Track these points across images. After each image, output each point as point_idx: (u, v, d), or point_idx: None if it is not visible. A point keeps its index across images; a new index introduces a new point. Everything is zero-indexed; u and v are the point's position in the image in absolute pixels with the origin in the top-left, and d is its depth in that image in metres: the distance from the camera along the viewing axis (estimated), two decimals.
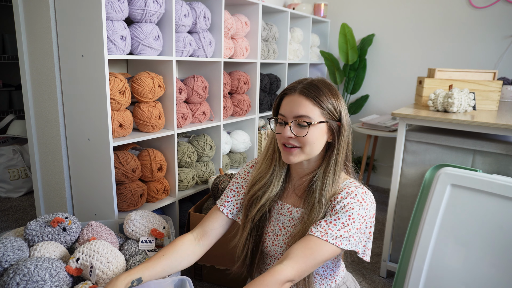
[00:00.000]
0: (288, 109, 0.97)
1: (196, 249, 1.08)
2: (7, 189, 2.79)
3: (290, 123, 0.97)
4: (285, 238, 1.06)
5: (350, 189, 0.97)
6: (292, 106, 0.97)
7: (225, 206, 1.13)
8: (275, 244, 1.07)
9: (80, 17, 1.53)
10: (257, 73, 2.49)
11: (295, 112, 0.96)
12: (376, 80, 3.30)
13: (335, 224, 0.93)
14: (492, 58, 2.77)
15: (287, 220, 1.06)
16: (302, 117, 0.95)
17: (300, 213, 1.04)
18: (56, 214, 1.24)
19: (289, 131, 0.96)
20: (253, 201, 1.07)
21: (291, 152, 0.98)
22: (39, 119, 1.85)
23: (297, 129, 0.97)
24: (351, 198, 0.95)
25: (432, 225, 1.53)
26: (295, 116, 0.96)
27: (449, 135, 1.71)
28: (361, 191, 0.96)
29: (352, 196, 0.95)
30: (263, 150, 1.12)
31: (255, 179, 1.09)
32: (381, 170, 3.41)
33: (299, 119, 0.96)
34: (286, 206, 1.07)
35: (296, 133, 0.96)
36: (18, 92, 3.64)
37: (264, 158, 1.09)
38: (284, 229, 1.06)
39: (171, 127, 1.88)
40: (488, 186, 1.43)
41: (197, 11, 1.96)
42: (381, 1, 3.16)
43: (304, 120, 0.95)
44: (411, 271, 1.56)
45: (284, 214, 1.07)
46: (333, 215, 0.94)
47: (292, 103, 0.97)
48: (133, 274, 0.94)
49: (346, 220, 0.93)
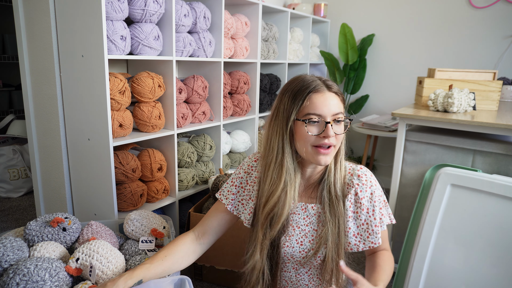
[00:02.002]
0: (326, 108, 0.92)
1: (197, 248, 1.07)
2: (7, 189, 2.79)
3: (332, 121, 0.93)
4: (299, 238, 1.03)
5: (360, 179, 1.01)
6: (328, 104, 0.92)
7: (230, 202, 1.08)
8: (287, 246, 1.03)
9: (80, 17, 1.53)
10: (257, 73, 2.49)
11: (333, 110, 0.93)
12: (376, 80, 3.30)
13: (375, 218, 1.00)
14: (492, 58, 2.77)
15: (302, 219, 1.03)
16: (339, 113, 0.94)
17: (315, 209, 1.02)
18: (56, 214, 1.24)
19: (331, 130, 0.92)
20: (271, 220, 0.99)
21: (329, 153, 0.94)
22: (39, 119, 1.85)
23: (336, 126, 0.94)
24: (369, 187, 1.01)
25: (432, 225, 1.53)
26: (333, 114, 0.93)
27: (449, 135, 1.71)
28: (363, 173, 1.02)
29: (367, 185, 1.01)
30: (267, 161, 1.00)
31: (266, 194, 0.99)
32: (381, 170, 3.41)
33: (337, 116, 0.94)
34: (300, 204, 1.03)
35: (336, 131, 0.94)
36: (18, 92, 3.64)
37: (271, 169, 0.98)
38: (298, 228, 1.03)
39: (171, 127, 1.88)
40: (488, 186, 1.43)
41: (197, 11, 1.96)
42: (381, 1, 3.16)
43: (342, 117, 0.95)
44: (411, 271, 1.56)
45: (297, 213, 1.03)
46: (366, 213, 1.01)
47: (327, 101, 0.93)
48: (134, 276, 0.93)
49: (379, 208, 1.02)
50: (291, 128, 0.96)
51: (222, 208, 1.10)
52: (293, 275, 1.09)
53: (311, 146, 0.94)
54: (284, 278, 1.10)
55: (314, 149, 0.94)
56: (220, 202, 1.11)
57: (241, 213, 1.09)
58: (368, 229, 1.00)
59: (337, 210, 0.98)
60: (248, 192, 1.08)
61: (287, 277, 1.09)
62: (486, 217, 1.44)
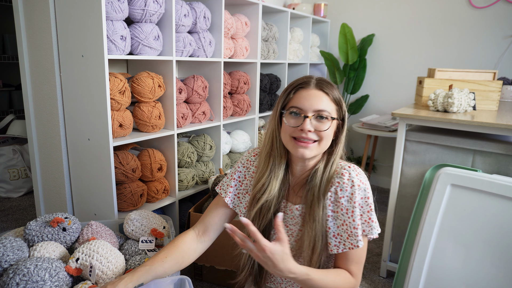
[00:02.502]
0: (308, 103, 0.95)
1: (198, 246, 1.07)
2: (7, 189, 2.79)
3: (311, 116, 0.95)
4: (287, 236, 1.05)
5: (342, 177, 0.97)
6: (312, 100, 0.95)
7: (228, 195, 1.10)
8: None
9: (80, 17, 1.53)
10: (257, 73, 2.49)
11: (315, 106, 0.95)
12: (376, 80, 3.30)
13: (354, 220, 0.96)
14: (492, 58, 2.77)
15: (290, 218, 1.06)
16: (323, 111, 0.95)
17: (300, 210, 1.03)
18: (56, 214, 1.24)
19: (309, 124, 0.94)
20: (252, 203, 1.04)
21: (307, 146, 0.95)
22: (39, 119, 1.85)
23: (317, 123, 0.95)
24: (350, 187, 0.96)
25: (432, 225, 1.53)
26: (315, 110, 0.95)
27: (449, 135, 1.71)
28: (348, 172, 0.98)
29: (348, 185, 0.97)
30: (261, 149, 1.07)
31: (256, 179, 1.05)
32: (381, 170, 3.41)
33: (320, 113, 0.95)
34: (288, 205, 1.06)
35: (316, 127, 0.95)
36: (18, 92, 3.64)
37: (262, 158, 1.05)
38: (286, 227, 1.06)
39: (171, 127, 1.88)
40: (488, 186, 1.43)
41: (197, 11, 1.96)
42: (381, 1, 3.16)
43: (326, 115, 0.95)
44: (411, 271, 1.56)
45: (287, 212, 1.06)
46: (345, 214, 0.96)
47: (312, 97, 0.95)
48: (134, 279, 0.92)
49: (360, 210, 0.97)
50: (278, 121, 1.01)
51: (221, 203, 1.11)
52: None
53: (290, 136, 0.97)
54: (273, 275, 1.11)
55: (293, 140, 0.97)
56: (219, 197, 1.12)
57: (237, 206, 1.10)
58: (348, 230, 0.97)
59: (316, 211, 0.97)
60: (245, 186, 1.10)
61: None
62: (486, 217, 1.44)
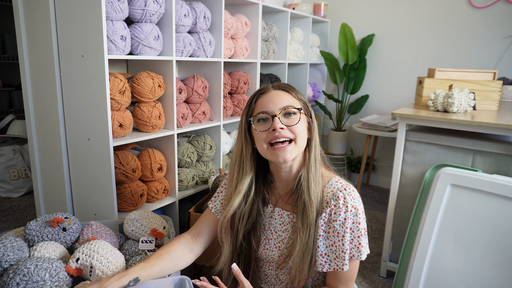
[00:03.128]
0: (272, 104, 0.96)
1: (193, 248, 1.08)
2: (7, 189, 2.79)
3: (278, 114, 0.95)
4: (277, 242, 1.06)
5: (338, 201, 0.96)
6: (275, 100, 0.96)
7: (212, 201, 1.14)
8: (267, 249, 1.07)
9: (80, 17, 1.53)
10: (257, 73, 2.49)
11: (280, 104, 0.96)
12: (376, 80, 3.30)
13: (343, 244, 0.95)
14: (492, 58, 2.77)
15: (278, 224, 1.06)
16: (288, 106, 0.96)
17: (291, 218, 1.04)
18: (56, 214, 1.24)
19: (279, 122, 0.94)
20: (223, 215, 1.05)
21: (285, 149, 0.95)
22: (39, 119, 1.85)
23: (286, 119, 0.96)
24: (344, 212, 0.95)
25: (432, 225, 1.53)
26: (281, 108, 0.96)
27: (449, 135, 1.71)
28: (343, 196, 0.96)
29: (342, 210, 0.96)
30: (230, 164, 1.08)
31: (227, 192, 1.06)
32: (381, 170, 3.41)
33: (287, 109, 0.96)
34: (277, 210, 1.06)
35: (286, 123, 0.95)
36: (18, 92, 3.64)
37: (229, 173, 1.06)
38: (276, 233, 1.06)
39: (171, 127, 1.88)
40: (488, 186, 1.43)
41: (197, 11, 1.96)
42: (381, 1, 3.16)
43: (293, 110, 0.96)
44: (411, 271, 1.56)
45: (274, 217, 1.06)
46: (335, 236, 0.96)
47: (274, 98, 0.97)
48: (129, 274, 0.93)
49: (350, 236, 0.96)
50: (245, 133, 1.01)
51: (209, 210, 1.15)
52: (274, 274, 1.11)
53: (266, 144, 0.96)
54: (272, 276, 1.12)
55: (270, 148, 0.96)
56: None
57: (219, 212, 1.12)
58: (336, 252, 0.97)
59: (309, 219, 0.97)
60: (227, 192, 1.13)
61: (273, 275, 1.12)
62: (486, 217, 1.44)
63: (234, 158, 1.05)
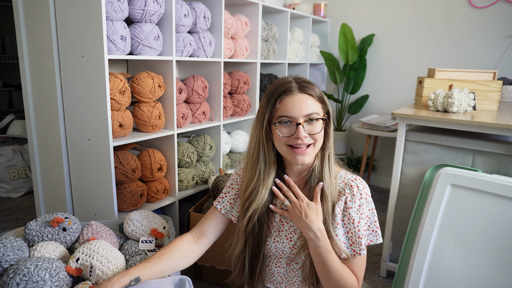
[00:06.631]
0: (297, 110, 0.96)
1: (195, 248, 1.08)
2: (7, 189, 2.79)
3: (303, 122, 0.96)
4: (288, 233, 1.06)
5: (352, 189, 1.02)
6: (300, 106, 0.96)
7: (219, 202, 1.14)
8: (277, 241, 1.06)
9: (80, 17, 1.53)
10: (257, 73, 2.49)
11: (304, 111, 0.96)
12: (376, 80, 3.30)
13: (359, 230, 1.01)
14: (492, 58, 2.77)
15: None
16: (312, 114, 0.96)
17: None
18: (56, 214, 1.24)
19: (303, 131, 0.95)
20: (243, 210, 1.07)
21: (305, 153, 0.97)
22: (39, 119, 1.85)
23: (309, 126, 0.97)
24: (358, 199, 1.01)
25: (432, 225, 1.53)
26: (305, 115, 0.96)
27: (449, 135, 1.71)
28: (356, 185, 1.02)
29: (357, 197, 1.01)
30: (245, 157, 1.08)
31: (244, 188, 1.07)
32: (381, 170, 3.41)
33: (310, 116, 0.96)
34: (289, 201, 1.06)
35: (309, 131, 0.96)
36: (18, 92, 3.64)
37: (248, 167, 1.06)
38: (287, 224, 1.07)
39: (171, 127, 1.88)
40: (488, 186, 1.43)
41: (197, 11, 1.96)
42: (381, 1, 3.16)
43: (316, 117, 0.97)
44: (411, 271, 1.56)
45: (287, 209, 1.06)
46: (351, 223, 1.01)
47: (299, 103, 0.96)
48: (131, 274, 0.93)
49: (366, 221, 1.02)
50: (267, 130, 1.01)
51: (217, 210, 1.14)
52: (286, 271, 1.10)
53: (286, 146, 0.98)
54: (278, 274, 1.11)
55: (290, 149, 0.98)
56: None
57: (228, 212, 1.13)
58: (352, 238, 1.01)
59: (324, 209, 1.00)
60: (237, 191, 1.13)
61: (281, 273, 1.11)
62: (486, 217, 1.44)
63: (255, 154, 1.04)
